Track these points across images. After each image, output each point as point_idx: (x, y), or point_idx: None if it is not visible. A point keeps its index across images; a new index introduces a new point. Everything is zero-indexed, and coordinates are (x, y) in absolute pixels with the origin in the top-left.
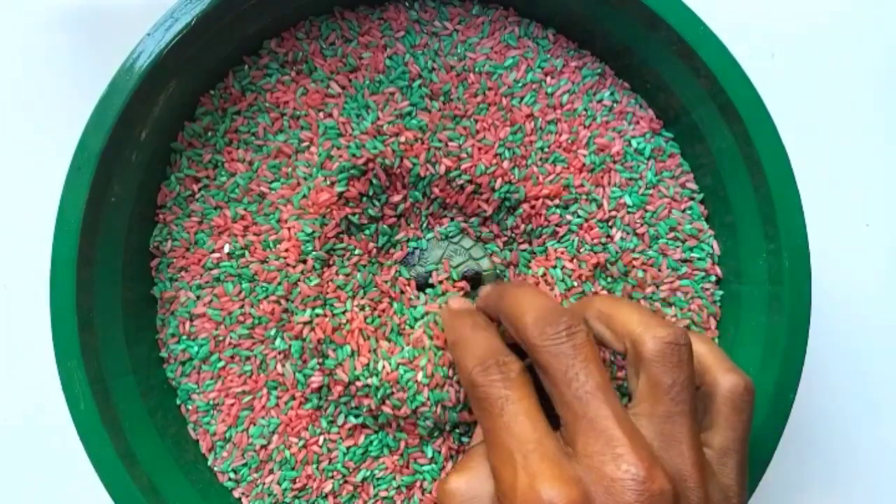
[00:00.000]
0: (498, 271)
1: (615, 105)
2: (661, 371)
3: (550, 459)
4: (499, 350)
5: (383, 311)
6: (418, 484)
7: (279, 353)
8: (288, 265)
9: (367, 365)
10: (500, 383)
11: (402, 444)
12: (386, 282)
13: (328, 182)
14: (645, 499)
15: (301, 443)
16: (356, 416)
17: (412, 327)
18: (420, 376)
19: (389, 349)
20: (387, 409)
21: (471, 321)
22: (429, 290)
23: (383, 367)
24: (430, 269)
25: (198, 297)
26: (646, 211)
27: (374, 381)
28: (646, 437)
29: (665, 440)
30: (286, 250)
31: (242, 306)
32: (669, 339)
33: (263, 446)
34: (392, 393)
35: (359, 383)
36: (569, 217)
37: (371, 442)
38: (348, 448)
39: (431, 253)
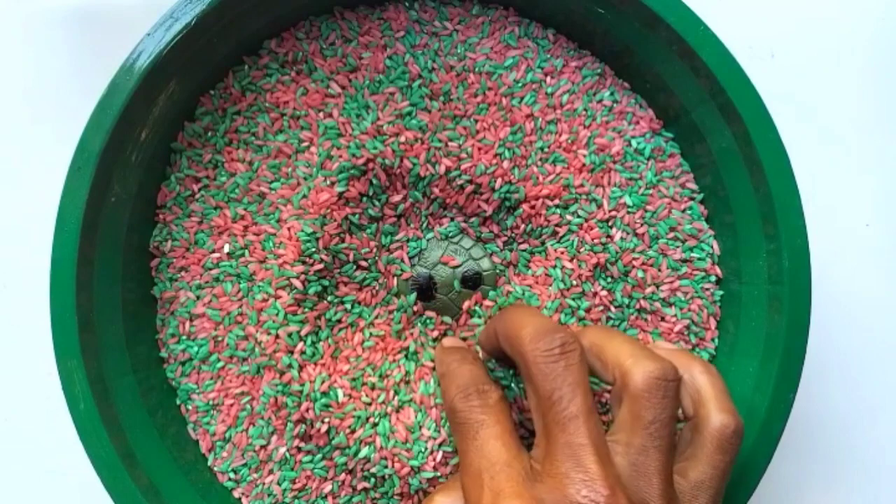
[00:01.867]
0: (498, 271)
1: (615, 105)
2: (644, 405)
3: (515, 480)
4: (481, 379)
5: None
6: None
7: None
8: (286, 263)
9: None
10: (478, 409)
11: None
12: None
13: (328, 182)
14: None
15: None
16: None
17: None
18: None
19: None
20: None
21: (459, 356)
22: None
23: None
24: (430, 268)
25: (197, 297)
26: (646, 211)
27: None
28: (618, 466)
29: (636, 471)
30: (286, 250)
31: (241, 306)
32: (657, 374)
33: (263, 446)
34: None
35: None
36: (569, 217)
37: None
38: None
39: (431, 253)
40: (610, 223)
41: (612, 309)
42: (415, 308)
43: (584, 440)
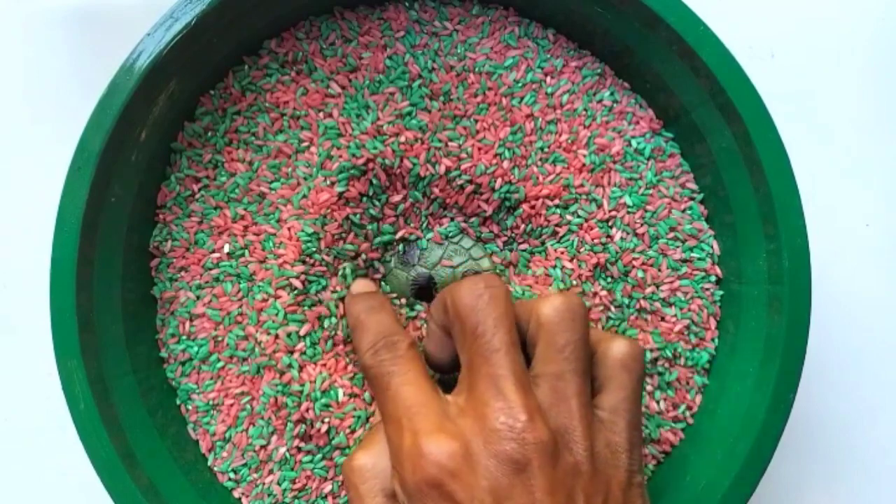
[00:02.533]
0: (498, 271)
1: (615, 105)
2: (556, 331)
3: (432, 419)
4: (389, 330)
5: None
6: None
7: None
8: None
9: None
10: (388, 362)
11: None
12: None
13: (328, 182)
14: (521, 447)
15: None
16: None
17: None
18: None
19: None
20: None
21: (366, 304)
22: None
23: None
24: (430, 269)
25: (197, 297)
26: (646, 211)
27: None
28: (538, 396)
29: (555, 397)
30: (286, 250)
31: (241, 307)
32: (565, 303)
33: (263, 446)
34: None
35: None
36: (569, 217)
37: None
38: None
39: (431, 253)
40: (610, 223)
41: (612, 309)
42: (421, 311)
43: (505, 371)
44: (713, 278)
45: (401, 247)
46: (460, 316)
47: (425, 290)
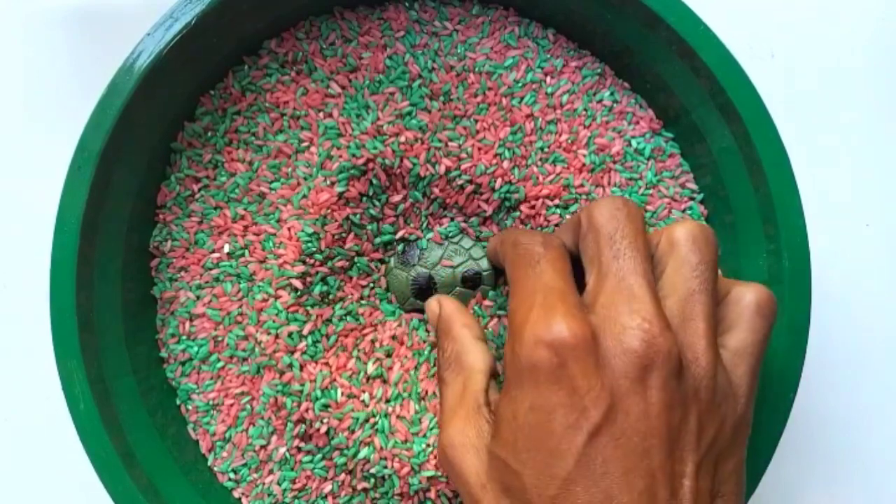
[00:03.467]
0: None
1: (615, 105)
2: (690, 249)
3: (570, 301)
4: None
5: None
6: None
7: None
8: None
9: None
10: (540, 245)
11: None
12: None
13: (328, 182)
14: (651, 351)
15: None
16: None
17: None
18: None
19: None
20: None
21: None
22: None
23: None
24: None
25: (197, 297)
26: (646, 211)
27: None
28: (666, 310)
29: (683, 318)
30: (286, 250)
31: (241, 307)
32: (698, 226)
33: (263, 446)
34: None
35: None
36: (568, 217)
37: None
38: None
39: (431, 253)
40: None
41: None
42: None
43: (640, 279)
44: None
45: (400, 247)
46: (596, 226)
47: (425, 291)
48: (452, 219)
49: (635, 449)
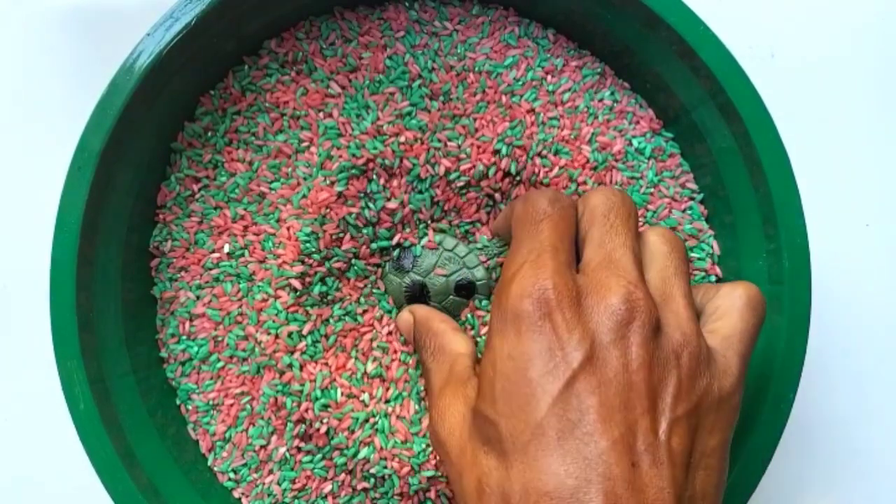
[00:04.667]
0: (492, 284)
1: (615, 105)
2: (660, 242)
3: (559, 260)
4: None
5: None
6: None
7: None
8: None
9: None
10: (548, 203)
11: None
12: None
13: (328, 182)
14: (632, 307)
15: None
16: None
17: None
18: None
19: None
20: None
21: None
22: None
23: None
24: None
25: (197, 297)
26: (647, 210)
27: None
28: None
29: (664, 295)
30: (285, 249)
31: (241, 307)
32: (671, 233)
33: (263, 446)
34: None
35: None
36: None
37: None
38: None
39: (425, 260)
40: None
41: None
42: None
43: (627, 252)
44: (713, 278)
45: (395, 252)
46: (592, 205)
47: (418, 299)
48: (450, 223)
49: (612, 399)
